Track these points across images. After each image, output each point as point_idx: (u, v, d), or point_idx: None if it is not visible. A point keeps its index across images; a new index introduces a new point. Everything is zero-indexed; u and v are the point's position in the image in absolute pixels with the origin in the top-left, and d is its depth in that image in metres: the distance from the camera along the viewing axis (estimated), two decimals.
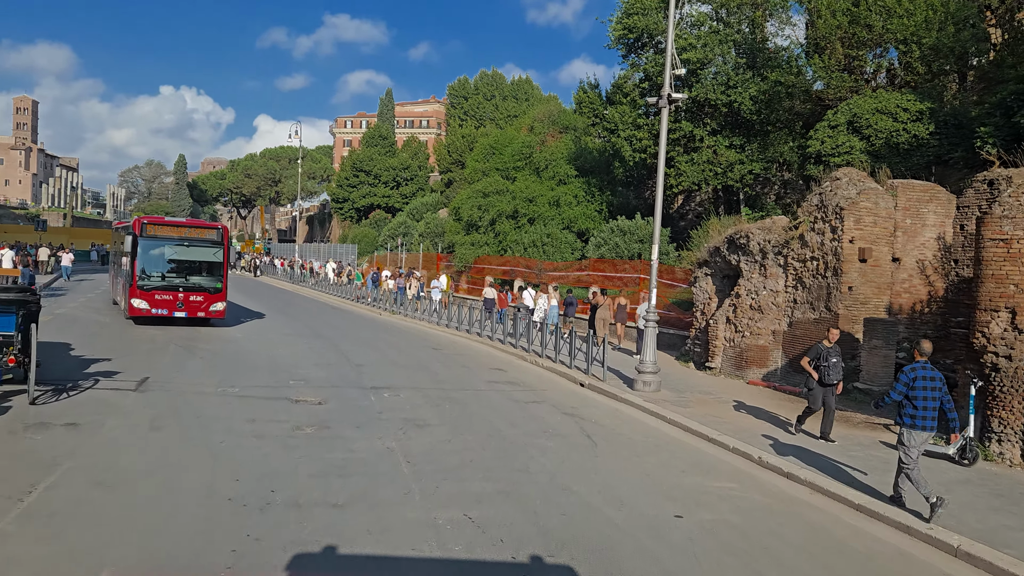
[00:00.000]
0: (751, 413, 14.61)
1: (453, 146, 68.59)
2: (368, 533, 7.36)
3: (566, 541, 7.50)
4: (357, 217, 76.97)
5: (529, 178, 40.43)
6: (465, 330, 27.51)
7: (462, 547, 7.17)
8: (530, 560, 7.02)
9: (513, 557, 7.05)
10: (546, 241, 36.32)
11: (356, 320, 30.48)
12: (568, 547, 7.35)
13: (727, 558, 7.45)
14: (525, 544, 7.35)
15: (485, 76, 78.97)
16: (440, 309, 29.19)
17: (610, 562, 7.10)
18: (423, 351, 21.92)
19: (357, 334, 24.94)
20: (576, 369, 19.20)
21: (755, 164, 30.66)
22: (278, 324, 25.97)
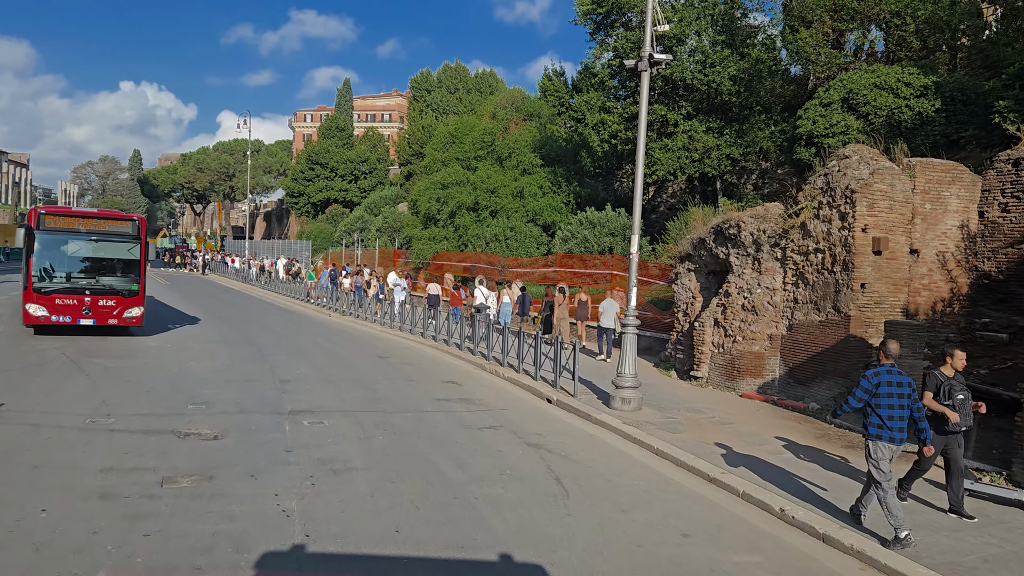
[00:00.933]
0: (754, 439, 12.03)
1: (414, 137, 65.51)
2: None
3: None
4: (313, 212, 73.54)
5: (491, 168, 37.68)
6: (419, 333, 24.73)
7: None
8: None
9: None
10: (509, 235, 33.61)
11: (301, 323, 27.49)
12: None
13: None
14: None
15: (448, 69, 76.00)
16: (402, 312, 26.24)
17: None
18: (367, 360, 19.08)
19: (295, 341, 22.00)
20: (543, 380, 16.53)
21: (734, 149, 28.24)
22: (208, 330, 22.90)
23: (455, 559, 6.82)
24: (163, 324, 22.78)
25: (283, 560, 6.56)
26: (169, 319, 24.35)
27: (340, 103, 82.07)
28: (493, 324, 21.63)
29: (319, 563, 6.55)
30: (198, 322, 24.34)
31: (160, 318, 24.28)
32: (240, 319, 27.28)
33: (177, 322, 23.81)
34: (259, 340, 21.35)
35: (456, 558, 6.84)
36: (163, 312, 26.59)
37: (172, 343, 19.56)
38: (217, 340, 20.79)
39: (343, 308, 31.50)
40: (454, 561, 6.78)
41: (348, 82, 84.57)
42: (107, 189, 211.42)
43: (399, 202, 59.72)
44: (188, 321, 24.49)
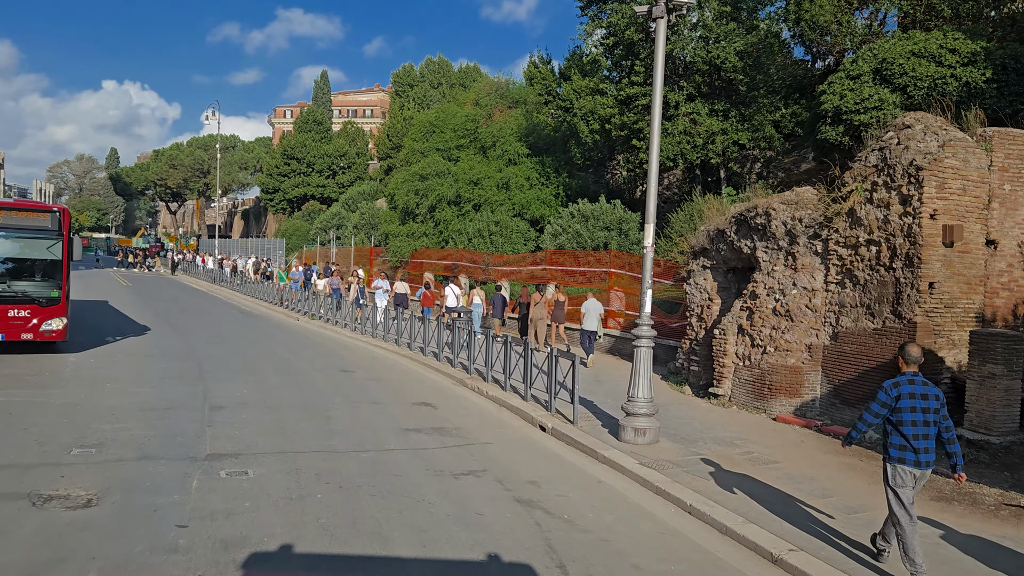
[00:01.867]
0: (815, 488, 9.29)
1: (393, 129, 62.46)
2: None
3: None
4: (290, 209, 70.37)
5: (474, 158, 34.82)
6: (393, 341, 21.90)
7: None
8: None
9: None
10: (494, 230, 30.79)
11: (263, 330, 24.59)
12: None
13: None
14: None
15: (431, 63, 73.03)
16: (385, 319, 22.94)
17: None
18: (328, 376, 16.23)
19: (249, 353, 19.12)
20: (534, 401, 13.77)
21: (741, 134, 25.54)
22: (152, 342, 19.96)
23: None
24: (100, 336, 19.78)
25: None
26: (111, 329, 21.36)
27: (317, 96, 78.90)
28: (474, 332, 18.89)
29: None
30: (146, 332, 21.32)
31: (101, 328, 21.32)
32: (195, 326, 24.34)
33: (120, 333, 20.81)
34: (205, 352, 18.45)
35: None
36: (109, 321, 23.63)
37: (98, 360, 16.59)
38: (155, 354, 17.85)
39: (313, 311, 28.62)
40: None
41: (326, 74, 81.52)
42: (84, 188, 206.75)
43: (378, 197, 56.76)
44: (134, 331, 21.50)
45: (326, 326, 26.44)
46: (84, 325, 22.23)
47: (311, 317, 28.71)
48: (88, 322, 22.96)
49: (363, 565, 6.54)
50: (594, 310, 19.84)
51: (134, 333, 20.96)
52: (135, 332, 21.15)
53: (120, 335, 20.20)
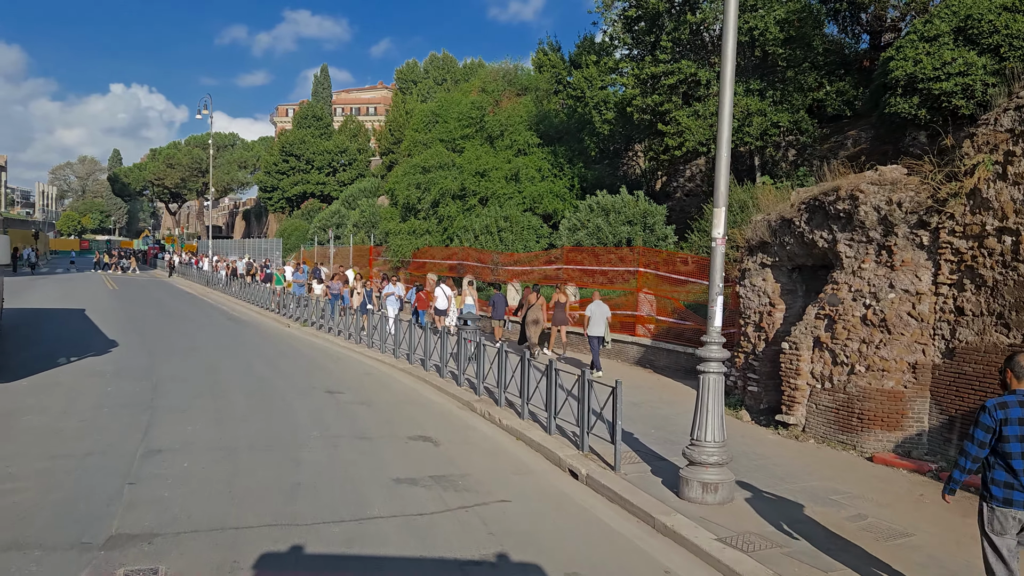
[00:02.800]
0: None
1: (395, 123, 59.81)
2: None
3: None
4: (289, 208, 67.76)
5: (480, 148, 32.05)
6: (390, 352, 19.17)
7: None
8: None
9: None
10: (503, 226, 28.01)
11: (245, 341, 21.90)
12: None
13: None
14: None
15: (435, 59, 70.40)
16: (397, 331, 19.08)
17: None
18: (308, 400, 13.48)
19: (219, 369, 16.42)
20: (559, 433, 11.01)
21: (782, 115, 22.72)
22: (111, 360, 17.23)
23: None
24: (52, 355, 16.90)
25: None
26: (69, 346, 18.56)
27: (317, 90, 76.25)
28: (466, 335, 16.16)
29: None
30: (111, 348, 18.37)
31: (58, 345, 18.63)
32: (170, 336, 21.68)
33: (79, 350, 17.98)
34: (169, 370, 15.75)
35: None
36: (73, 334, 20.92)
37: (32, 387, 13.78)
38: (108, 373, 15.13)
39: (306, 317, 25.89)
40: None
41: (326, 69, 78.76)
42: (87, 190, 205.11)
43: (379, 194, 54.08)
44: (97, 346, 18.69)
45: (318, 334, 23.71)
46: (40, 340, 19.58)
47: (302, 323, 25.99)
48: (48, 337, 20.30)
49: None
50: (600, 313, 17.41)
51: (96, 350, 18.13)
52: (97, 348, 18.34)
53: (78, 354, 17.32)
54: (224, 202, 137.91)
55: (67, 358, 16.66)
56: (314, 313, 24.78)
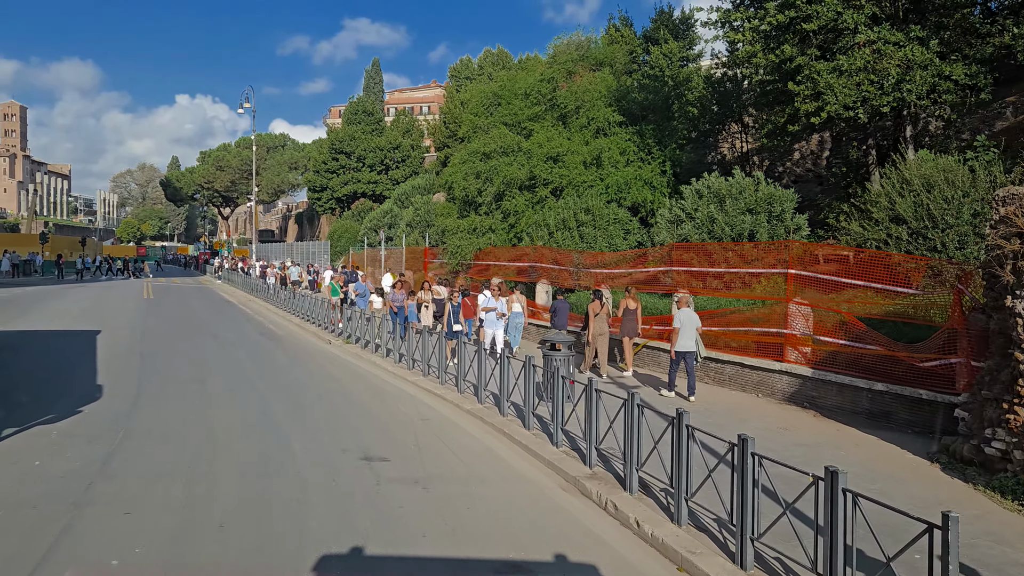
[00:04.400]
0: None
1: (450, 115, 55.46)
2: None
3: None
4: (339, 209, 64.03)
5: (552, 129, 27.25)
6: (452, 382, 14.58)
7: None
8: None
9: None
10: (583, 220, 23.17)
11: (275, 366, 17.58)
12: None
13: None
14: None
15: (490, 54, 66.05)
16: (502, 369, 13.56)
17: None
18: (332, 480, 8.87)
19: (223, 416, 12.01)
20: (690, 529, 6.20)
21: (955, 66, 17.41)
22: (85, 407, 13.04)
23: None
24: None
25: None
26: (35, 394, 14.41)
27: (368, 85, 72.51)
28: (556, 364, 11.50)
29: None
30: (94, 399, 13.99)
31: (23, 390, 14.49)
32: (179, 362, 17.52)
33: (47, 400, 13.80)
34: (145, 422, 11.45)
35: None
36: (58, 373, 16.89)
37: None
38: (55, 433, 10.80)
39: (350, 332, 21.48)
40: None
41: (377, 62, 75.00)
42: (146, 197, 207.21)
43: (434, 191, 49.77)
44: (77, 393, 14.50)
45: (362, 353, 19.28)
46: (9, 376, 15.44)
47: (345, 339, 21.60)
48: (16, 377, 16.20)
49: None
50: (691, 323, 14.12)
51: (72, 398, 13.72)
52: (76, 395, 13.91)
53: (36, 411, 12.99)
54: (277, 206, 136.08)
55: (19, 425, 12.27)
56: (372, 332, 19.85)
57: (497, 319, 17.49)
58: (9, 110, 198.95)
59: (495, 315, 17.49)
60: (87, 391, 13.45)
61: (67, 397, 13.08)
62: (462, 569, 6.46)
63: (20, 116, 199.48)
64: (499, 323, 17.45)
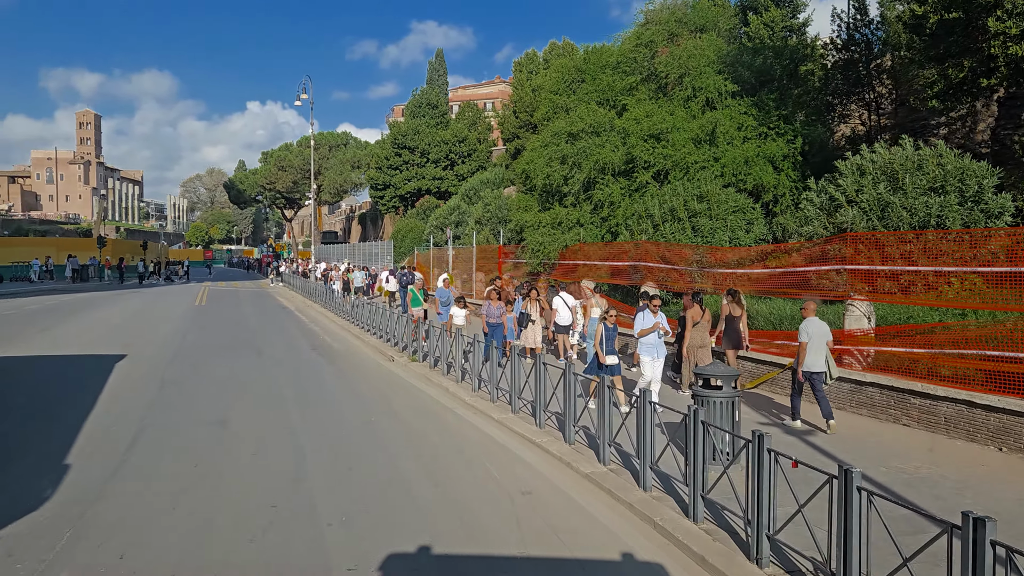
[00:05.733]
0: None
1: (521, 104, 51.61)
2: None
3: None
4: (403, 207, 60.78)
5: (650, 104, 22.97)
6: (552, 420, 10.61)
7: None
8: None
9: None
10: (697, 209, 18.91)
11: (320, 398, 13.90)
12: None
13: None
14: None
15: (556, 47, 61.94)
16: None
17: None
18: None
19: (224, 504, 8.23)
20: None
21: None
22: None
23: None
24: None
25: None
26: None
27: (432, 77, 69.09)
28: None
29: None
30: (54, 472, 10.57)
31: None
32: (203, 392, 14.00)
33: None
34: (112, 512, 7.69)
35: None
36: (24, 422, 13.51)
37: None
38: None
39: (414, 346, 17.70)
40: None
41: (441, 54, 71.50)
42: (214, 201, 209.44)
43: (504, 186, 45.91)
44: (21, 463, 11.07)
45: (431, 375, 15.46)
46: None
47: (411, 356, 17.84)
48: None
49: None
50: (821, 336, 11.28)
51: (20, 470, 10.19)
52: (30, 466, 10.35)
53: None
54: (341, 207, 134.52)
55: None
56: (455, 354, 15.44)
57: (657, 341, 12.11)
58: (84, 118, 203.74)
59: (655, 337, 12.12)
60: (53, 458, 9.76)
61: (17, 466, 9.45)
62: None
63: (95, 124, 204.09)
64: (660, 348, 12.15)
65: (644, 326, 12.14)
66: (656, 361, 12.10)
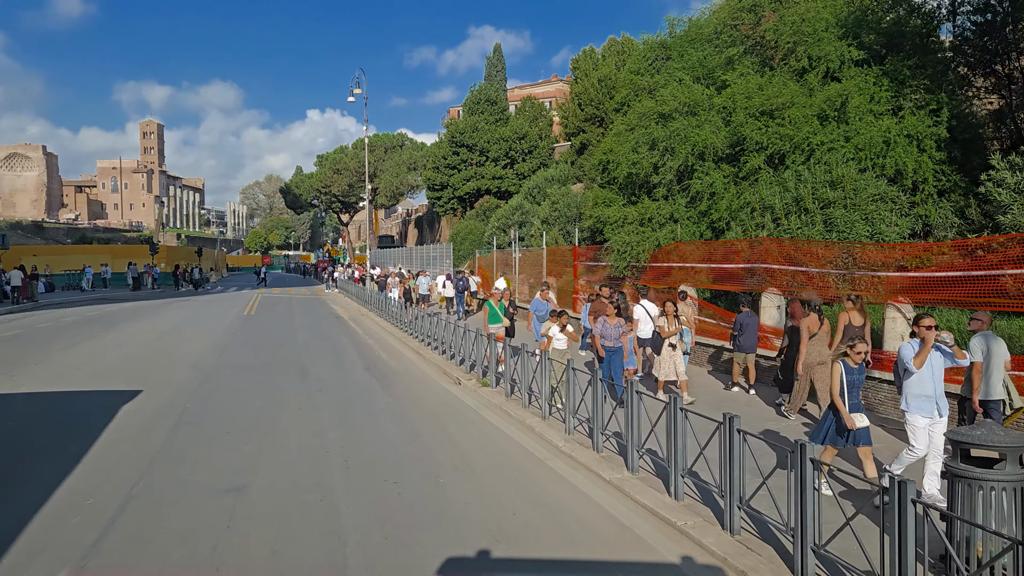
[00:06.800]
0: None
1: (585, 95, 48.36)
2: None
3: None
4: (461, 209, 57.97)
5: (755, 78, 19.44)
6: (679, 470, 7.27)
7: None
8: None
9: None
10: (831, 198, 15.37)
11: (364, 445, 10.87)
12: None
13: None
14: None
15: (614, 43, 58.60)
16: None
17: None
18: None
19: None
20: None
21: None
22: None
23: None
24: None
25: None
26: None
27: (490, 73, 66.20)
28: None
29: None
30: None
31: None
32: (219, 449, 11.08)
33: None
34: None
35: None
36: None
37: None
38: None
39: (501, 376, 14.56)
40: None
41: (499, 48, 68.56)
42: (273, 207, 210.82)
43: (571, 183, 42.64)
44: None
45: (507, 405, 12.34)
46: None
47: (481, 380, 14.75)
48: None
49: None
50: (999, 356, 8.30)
51: None
52: None
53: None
54: (397, 211, 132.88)
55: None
56: (558, 391, 11.68)
57: (935, 390, 7.76)
58: (148, 128, 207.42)
59: (930, 379, 7.75)
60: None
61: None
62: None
63: (158, 134, 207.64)
64: (942, 403, 7.72)
65: (919, 360, 7.69)
66: (937, 423, 7.76)
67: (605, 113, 46.42)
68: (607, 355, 12.29)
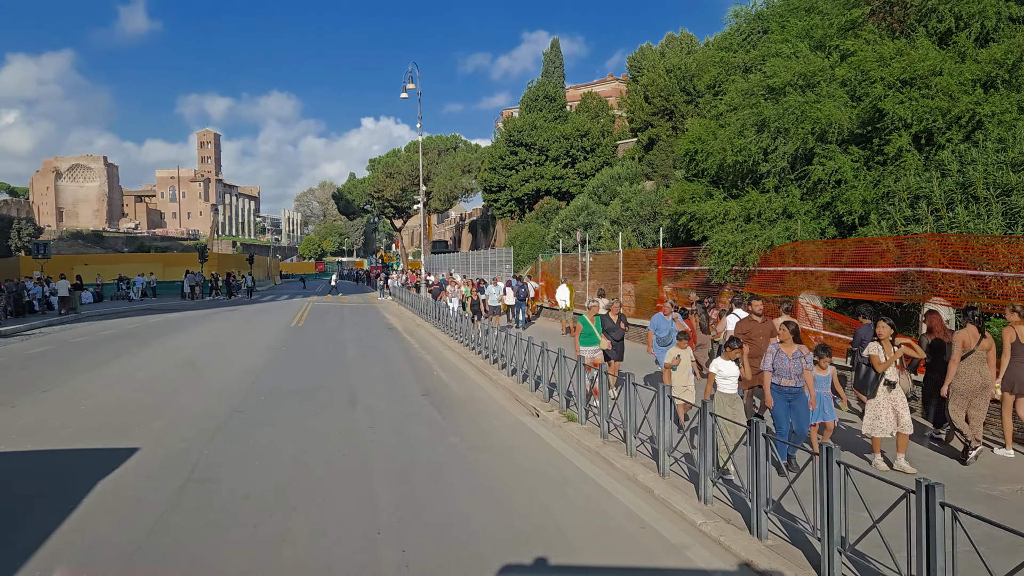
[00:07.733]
0: None
1: (653, 87, 45.10)
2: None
3: None
4: (519, 212, 55.17)
5: (890, 42, 16.11)
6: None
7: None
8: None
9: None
10: (1011, 182, 12.00)
11: (454, 525, 7.97)
12: None
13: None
14: None
15: (672, 40, 55.61)
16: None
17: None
18: None
19: None
20: None
21: None
22: None
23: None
24: None
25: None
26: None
27: (548, 69, 63.35)
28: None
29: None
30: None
31: None
32: (229, 527, 8.33)
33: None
34: None
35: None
36: None
37: None
38: None
39: (600, 414, 11.67)
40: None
41: (557, 43, 65.66)
42: (327, 214, 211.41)
43: (640, 181, 39.47)
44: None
45: (604, 449, 9.40)
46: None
47: (567, 415, 11.82)
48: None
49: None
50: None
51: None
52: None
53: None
54: (450, 215, 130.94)
55: None
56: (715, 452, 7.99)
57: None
58: (205, 138, 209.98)
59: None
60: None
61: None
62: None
63: (215, 143, 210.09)
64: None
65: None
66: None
67: (675, 105, 43.13)
68: (783, 399, 8.71)
